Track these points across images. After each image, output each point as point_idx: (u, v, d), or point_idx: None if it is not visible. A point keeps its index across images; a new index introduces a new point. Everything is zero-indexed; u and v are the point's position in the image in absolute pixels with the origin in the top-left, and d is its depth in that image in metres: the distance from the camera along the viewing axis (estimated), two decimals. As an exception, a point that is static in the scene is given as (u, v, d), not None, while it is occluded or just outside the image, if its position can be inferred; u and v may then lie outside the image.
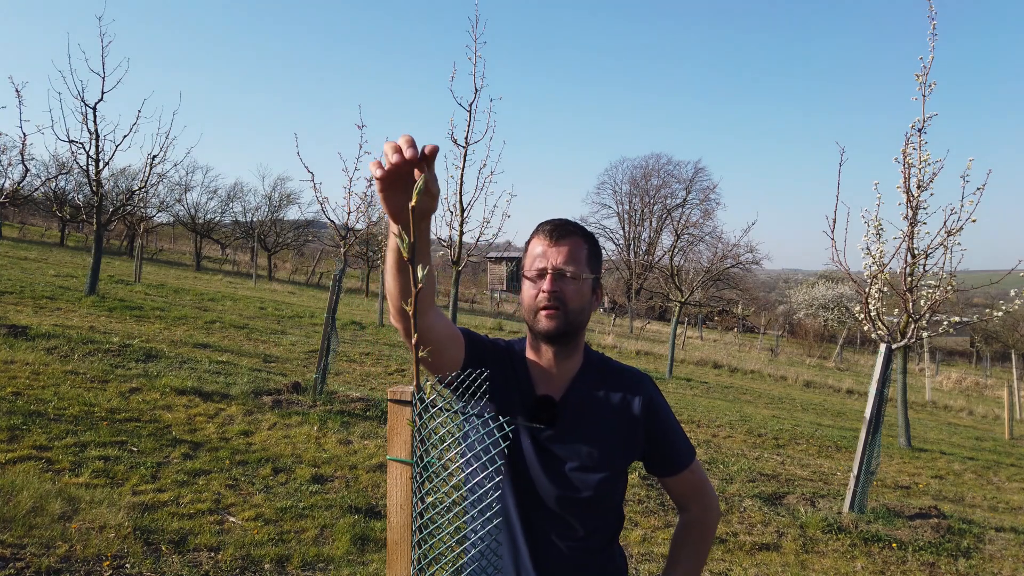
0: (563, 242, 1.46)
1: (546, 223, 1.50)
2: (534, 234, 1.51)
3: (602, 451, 1.50)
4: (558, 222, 1.49)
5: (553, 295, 1.43)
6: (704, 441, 8.21)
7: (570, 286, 1.45)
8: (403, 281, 1.22)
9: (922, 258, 5.97)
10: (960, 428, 13.61)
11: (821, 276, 40.71)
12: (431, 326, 1.34)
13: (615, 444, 1.51)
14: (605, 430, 1.51)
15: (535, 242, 1.49)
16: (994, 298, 9.31)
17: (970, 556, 4.91)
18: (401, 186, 1.09)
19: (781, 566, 4.44)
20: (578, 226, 1.51)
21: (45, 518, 3.55)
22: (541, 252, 1.47)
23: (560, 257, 1.45)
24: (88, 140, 11.26)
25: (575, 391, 1.53)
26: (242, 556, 3.52)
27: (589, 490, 1.49)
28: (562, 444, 1.51)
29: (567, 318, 1.45)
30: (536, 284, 1.46)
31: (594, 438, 1.51)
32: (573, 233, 1.48)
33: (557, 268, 1.44)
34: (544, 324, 1.45)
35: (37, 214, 38.05)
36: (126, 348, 7.80)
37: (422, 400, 1.08)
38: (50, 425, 4.95)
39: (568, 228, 1.49)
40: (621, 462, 1.53)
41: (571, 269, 1.44)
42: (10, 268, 15.64)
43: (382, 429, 6.23)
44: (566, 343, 1.50)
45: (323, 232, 35.28)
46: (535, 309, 1.46)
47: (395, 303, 1.26)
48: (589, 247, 1.50)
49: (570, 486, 1.49)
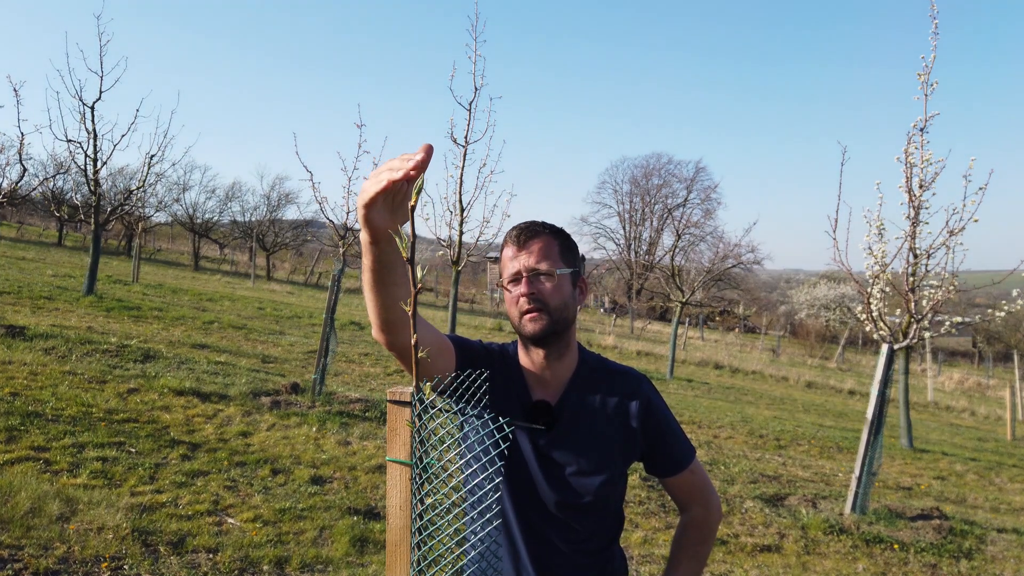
0: (531, 243, 1.46)
1: (512, 229, 1.50)
2: (503, 243, 1.51)
3: (601, 455, 1.49)
4: (523, 225, 1.50)
5: (532, 297, 1.43)
6: (705, 442, 8.19)
7: (547, 284, 1.44)
8: (384, 297, 1.20)
9: (924, 258, 5.94)
10: (962, 429, 13.59)
11: (823, 276, 40.68)
12: (423, 338, 1.32)
13: (613, 447, 1.50)
14: (603, 433, 1.50)
15: (505, 250, 1.49)
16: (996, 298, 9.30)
17: (972, 557, 4.89)
18: (387, 202, 1.07)
19: (782, 567, 4.41)
20: (545, 224, 1.51)
21: (43, 519, 3.53)
22: (512, 256, 1.47)
23: (531, 258, 1.44)
24: (86, 139, 11.24)
25: (571, 395, 1.52)
26: (241, 557, 3.49)
27: (589, 495, 1.48)
28: (561, 449, 1.50)
29: (551, 317, 1.44)
30: (514, 290, 1.46)
31: (592, 442, 1.50)
32: (540, 232, 1.48)
33: (530, 268, 1.44)
34: (530, 328, 1.44)
35: (35, 214, 38.03)
36: (124, 348, 7.77)
37: (421, 401, 1.07)
38: (48, 426, 4.93)
39: (534, 228, 1.48)
40: (620, 465, 1.52)
41: (544, 266, 1.44)
42: (8, 268, 15.62)
43: (381, 430, 6.21)
44: (555, 343, 1.48)
45: (322, 232, 35.21)
46: (519, 315, 1.45)
47: (377, 318, 1.25)
48: (560, 242, 1.49)
49: (570, 491, 1.49)
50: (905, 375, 9.65)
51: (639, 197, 54.12)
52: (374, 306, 1.23)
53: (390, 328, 1.25)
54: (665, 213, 52.17)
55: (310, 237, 37.78)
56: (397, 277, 1.18)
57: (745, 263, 35.64)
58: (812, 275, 50.77)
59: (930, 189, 5.82)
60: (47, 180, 11.74)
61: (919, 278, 6.03)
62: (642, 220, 54.17)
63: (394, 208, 1.08)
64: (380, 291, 1.19)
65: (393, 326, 1.25)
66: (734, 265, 23.35)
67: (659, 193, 53.44)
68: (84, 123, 11.14)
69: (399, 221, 1.10)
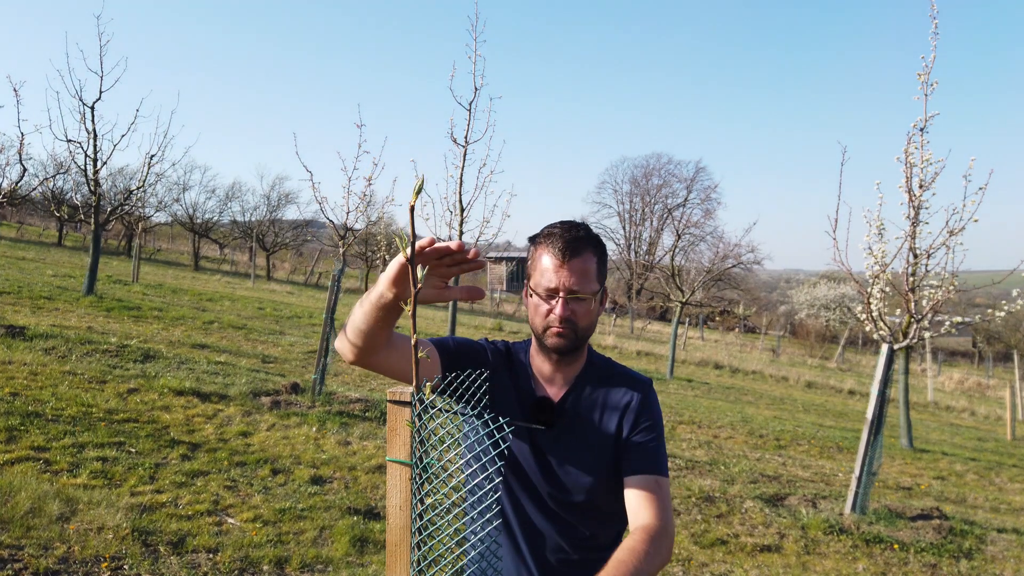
0: (575, 260, 1.39)
1: (556, 234, 1.42)
2: (543, 243, 1.43)
3: (595, 455, 1.49)
4: (569, 237, 1.40)
5: (565, 320, 1.40)
6: (705, 442, 8.19)
7: (582, 307, 1.41)
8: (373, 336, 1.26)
9: (924, 258, 5.94)
10: (962, 429, 13.59)
11: (823, 276, 40.66)
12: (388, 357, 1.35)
13: (609, 447, 1.49)
14: (600, 433, 1.50)
15: (545, 255, 1.42)
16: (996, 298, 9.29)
17: (972, 557, 4.89)
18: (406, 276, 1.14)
19: (783, 567, 4.42)
20: (589, 236, 1.44)
21: (43, 519, 3.53)
22: (552, 269, 1.40)
23: (572, 278, 1.39)
24: (86, 139, 11.24)
25: (574, 393, 1.52)
26: (241, 557, 3.49)
27: (581, 493, 1.48)
28: (557, 446, 1.50)
29: (576, 335, 1.43)
30: (546, 302, 1.42)
31: (588, 441, 1.50)
32: (585, 247, 1.41)
33: (570, 290, 1.39)
34: (553, 342, 1.44)
35: (35, 214, 38.03)
36: (124, 348, 7.77)
37: (421, 401, 1.07)
38: (48, 426, 4.93)
39: (579, 243, 1.41)
40: (615, 465, 1.50)
41: (584, 291, 1.40)
42: (8, 268, 15.62)
43: (381, 430, 6.21)
44: (573, 351, 1.50)
45: (322, 232, 35.24)
46: (543, 327, 1.43)
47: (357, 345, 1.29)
48: (598, 258, 1.45)
49: (563, 488, 1.49)
50: (905, 375, 9.65)
51: (639, 197, 54.19)
52: (357, 334, 1.27)
53: (360, 353, 1.31)
54: (665, 213, 52.21)
55: (310, 237, 37.79)
56: (390, 324, 1.25)
57: (745, 263, 35.64)
58: (812, 275, 50.76)
59: (930, 189, 5.81)
60: (47, 180, 11.72)
61: (919, 278, 6.02)
62: (642, 220, 54.22)
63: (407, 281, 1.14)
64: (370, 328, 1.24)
65: (364, 352, 1.31)
66: (734, 265, 23.33)
67: (659, 193, 53.49)
68: (84, 123, 11.14)
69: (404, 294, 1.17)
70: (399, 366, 1.37)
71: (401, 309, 1.18)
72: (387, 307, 1.19)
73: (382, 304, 1.19)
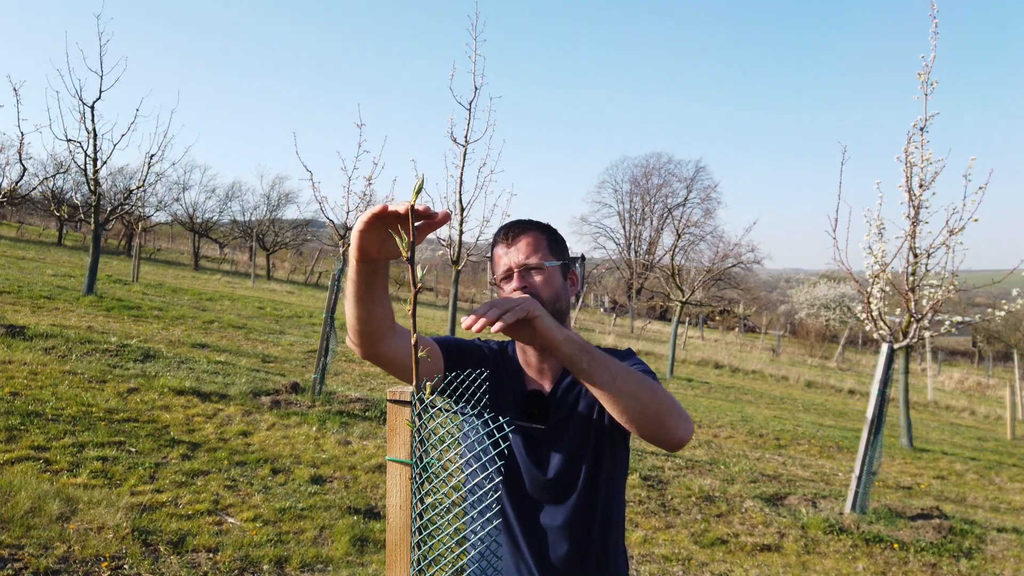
0: (519, 239, 1.50)
1: (500, 228, 1.55)
2: (492, 242, 1.55)
3: (592, 443, 1.49)
4: (510, 223, 1.55)
5: (523, 291, 1.45)
6: (705, 442, 8.20)
7: (537, 278, 1.47)
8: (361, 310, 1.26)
9: (924, 257, 5.94)
10: (962, 428, 13.59)
11: (823, 276, 40.66)
12: (397, 348, 1.35)
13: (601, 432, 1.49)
14: (590, 419, 1.50)
15: (495, 249, 1.53)
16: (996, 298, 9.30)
17: (972, 557, 4.89)
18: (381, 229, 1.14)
19: (782, 567, 4.42)
20: (530, 221, 1.55)
21: (43, 518, 3.53)
22: (502, 254, 1.51)
23: (519, 254, 1.48)
24: (86, 139, 11.24)
25: (564, 380, 1.54)
26: (241, 557, 3.50)
27: (580, 487, 1.49)
28: (550, 438, 1.51)
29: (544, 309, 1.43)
30: (507, 287, 1.49)
31: (583, 429, 1.50)
32: (527, 228, 1.52)
33: (520, 264, 1.48)
34: None
35: (35, 213, 38.05)
36: (124, 348, 7.77)
37: (421, 400, 1.07)
38: (48, 425, 4.93)
39: (520, 225, 1.53)
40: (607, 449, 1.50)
41: (533, 260, 1.47)
42: (8, 267, 15.62)
43: (381, 429, 6.21)
44: None
45: (322, 231, 35.22)
46: None
47: (353, 328, 1.30)
48: (547, 236, 1.53)
49: (563, 484, 1.50)
50: (905, 374, 9.64)
51: (639, 196, 54.17)
52: (352, 317, 1.28)
53: (364, 339, 1.31)
54: (665, 212, 52.18)
55: (310, 236, 37.78)
56: (376, 295, 1.25)
57: (745, 262, 35.60)
58: (812, 275, 50.78)
59: (930, 189, 5.81)
60: (47, 180, 11.74)
61: (919, 278, 6.02)
62: (642, 219, 54.20)
63: (384, 239, 1.15)
64: (359, 305, 1.25)
65: (367, 337, 1.30)
66: (734, 265, 23.31)
67: (659, 193, 53.48)
68: (84, 123, 11.14)
69: (387, 255, 1.17)
70: (406, 359, 1.38)
71: (379, 272, 1.21)
72: (363, 274, 1.20)
73: (358, 271, 1.21)
